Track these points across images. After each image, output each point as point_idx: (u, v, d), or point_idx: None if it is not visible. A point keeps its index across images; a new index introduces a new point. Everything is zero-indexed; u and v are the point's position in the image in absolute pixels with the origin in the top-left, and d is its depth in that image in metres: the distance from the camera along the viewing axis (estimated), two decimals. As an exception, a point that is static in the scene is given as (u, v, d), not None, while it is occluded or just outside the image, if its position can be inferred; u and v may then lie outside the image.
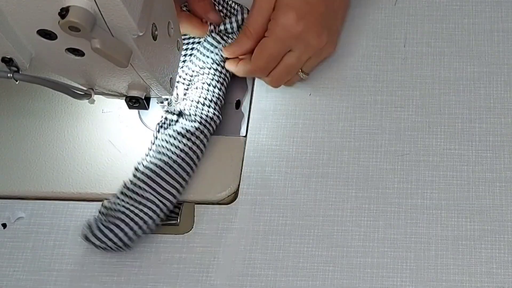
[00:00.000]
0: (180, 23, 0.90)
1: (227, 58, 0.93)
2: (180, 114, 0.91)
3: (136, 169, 0.88)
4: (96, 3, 0.70)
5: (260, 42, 0.90)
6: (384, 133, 0.91)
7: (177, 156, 0.88)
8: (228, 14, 0.96)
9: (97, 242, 0.85)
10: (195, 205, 0.89)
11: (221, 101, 0.92)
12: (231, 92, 0.95)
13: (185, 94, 0.94)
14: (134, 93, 0.85)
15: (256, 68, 0.91)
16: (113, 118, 0.95)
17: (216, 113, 0.91)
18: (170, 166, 0.88)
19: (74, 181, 0.92)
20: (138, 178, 0.87)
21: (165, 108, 0.91)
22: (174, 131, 0.89)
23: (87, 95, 0.85)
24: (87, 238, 0.85)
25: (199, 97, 0.91)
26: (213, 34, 0.93)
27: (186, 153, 0.88)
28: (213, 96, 0.92)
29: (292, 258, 0.85)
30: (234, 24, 0.94)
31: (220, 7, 0.96)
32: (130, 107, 0.87)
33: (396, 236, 0.86)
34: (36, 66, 0.79)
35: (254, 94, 0.95)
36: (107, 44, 0.72)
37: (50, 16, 0.71)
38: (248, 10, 0.94)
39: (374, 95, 0.94)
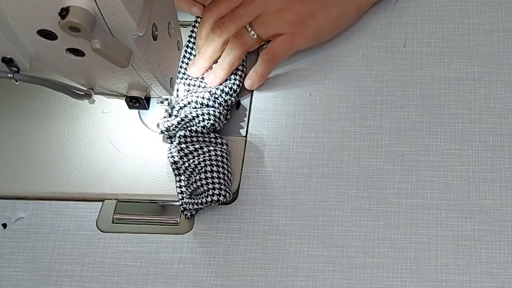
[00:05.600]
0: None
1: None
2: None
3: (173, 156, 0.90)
4: (96, 3, 0.70)
5: None
6: (384, 133, 0.91)
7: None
8: None
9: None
10: (195, 205, 0.90)
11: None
12: (231, 92, 0.96)
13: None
14: (134, 93, 0.85)
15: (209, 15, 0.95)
16: (113, 118, 0.95)
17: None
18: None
19: (74, 181, 0.92)
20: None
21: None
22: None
23: (87, 95, 0.85)
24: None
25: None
26: None
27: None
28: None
29: (292, 258, 0.85)
30: None
31: None
32: (130, 107, 0.87)
33: (396, 236, 0.86)
34: (36, 66, 0.79)
35: (254, 94, 0.95)
36: (107, 44, 0.72)
37: (50, 16, 0.71)
38: None
39: (374, 95, 0.94)
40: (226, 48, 0.94)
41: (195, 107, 0.91)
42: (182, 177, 0.89)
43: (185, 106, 0.92)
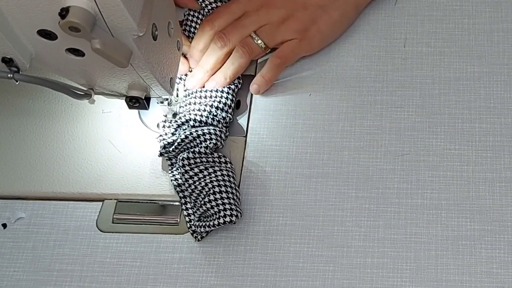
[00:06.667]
0: None
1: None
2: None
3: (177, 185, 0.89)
4: (96, 3, 0.70)
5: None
6: (384, 133, 0.91)
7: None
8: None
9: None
10: (195, 205, 0.90)
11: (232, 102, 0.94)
12: (231, 92, 0.96)
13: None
14: (134, 93, 0.85)
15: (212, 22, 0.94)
16: (113, 118, 0.95)
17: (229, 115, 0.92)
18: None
19: (74, 181, 0.92)
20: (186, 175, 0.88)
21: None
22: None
23: (87, 95, 0.85)
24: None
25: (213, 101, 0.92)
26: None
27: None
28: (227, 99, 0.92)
29: (292, 258, 0.85)
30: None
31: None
32: (130, 107, 0.87)
33: (396, 236, 0.86)
34: (36, 66, 0.79)
35: (254, 94, 0.95)
36: (107, 44, 0.72)
37: (50, 16, 0.71)
38: None
39: (374, 95, 0.94)
40: (231, 56, 0.93)
41: (194, 125, 0.90)
42: (188, 200, 0.88)
43: (183, 124, 0.90)
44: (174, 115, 0.93)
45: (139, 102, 0.86)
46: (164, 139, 0.90)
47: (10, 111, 0.97)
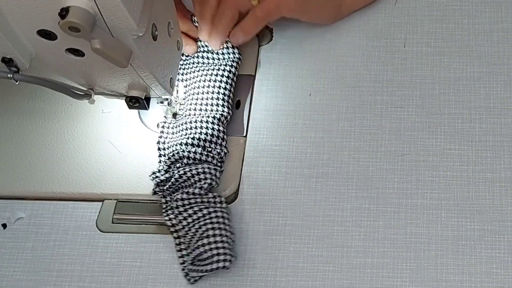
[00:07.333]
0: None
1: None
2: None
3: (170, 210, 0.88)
4: (96, 3, 0.70)
5: None
6: (384, 133, 0.91)
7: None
8: None
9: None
10: (195, 205, 0.89)
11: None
12: (231, 92, 0.96)
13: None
14: (134, 93, 0.85)
15: None
16: (113, 118, 0.95)
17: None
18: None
19: (74, 181, 0.92)
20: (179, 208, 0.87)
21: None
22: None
23: (87, 95, 0.85)
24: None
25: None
26: None
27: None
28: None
29: (292, 258, 0.85)
30: None
31: None
32: (130, 107, 0.87)
33: (396, 236, 0.86)
34: (36, 66, 0.79)
35: (254, 94, 0.95)
36: (107, 44, 0.72)
37: (50, 16, 0.71)
38: None
39: (374, 95, 0.94)
40: (218, 9, 0.92)
41: (188, 163, 0.88)
42: (182, 240, 0.86)
43: (176, 161, 0.89)
44: (174, 115, 0.93)
45: (139, 102, 0.86)
46: (157, 177, 0.89)
47: (10, 111, 0.97)
